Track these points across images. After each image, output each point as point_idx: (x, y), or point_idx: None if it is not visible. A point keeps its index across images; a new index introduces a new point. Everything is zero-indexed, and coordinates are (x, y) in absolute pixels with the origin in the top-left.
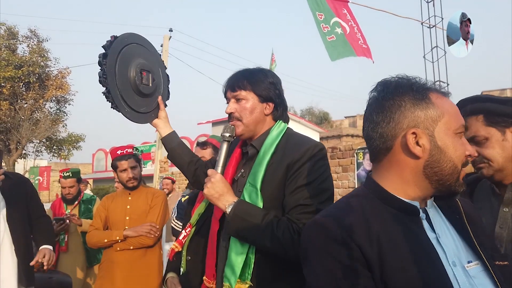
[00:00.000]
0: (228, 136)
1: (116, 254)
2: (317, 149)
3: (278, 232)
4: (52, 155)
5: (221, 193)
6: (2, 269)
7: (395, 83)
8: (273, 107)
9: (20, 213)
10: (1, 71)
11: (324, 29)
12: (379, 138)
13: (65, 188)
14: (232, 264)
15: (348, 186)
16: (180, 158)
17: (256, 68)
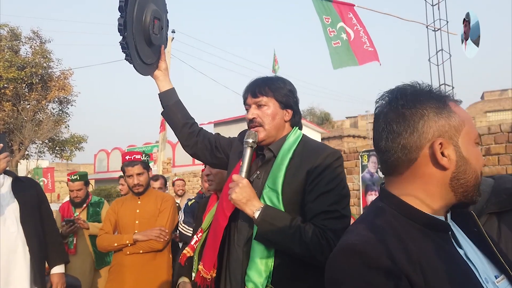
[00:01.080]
0: (252, 142)
1: (126, 258)
2: (336, 157)
3: (307, 237)
4: (55, 156)
5: (249, 198)
6: (16, 269)
7: (411, 90)
8: (292, 114)
9: (32, 215)
10: (4, 72)
11: (330, 33)
12: (401, 150)
13: (73, 191)
14: (258, 268)
15: (352, 189)
16: (175, 117)
17: (275, 76)
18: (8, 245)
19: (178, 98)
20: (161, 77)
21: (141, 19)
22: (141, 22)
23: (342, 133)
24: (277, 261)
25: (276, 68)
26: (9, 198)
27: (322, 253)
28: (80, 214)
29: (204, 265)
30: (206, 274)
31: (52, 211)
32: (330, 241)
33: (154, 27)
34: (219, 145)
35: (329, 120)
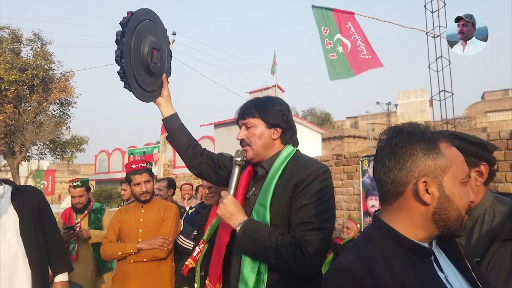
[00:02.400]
0: (240, 160)
1: (129, 266)
2: (322, 171)
3: (282, 249)
4: (56, 157)
5: (232, 213)
6: (17, 282)
7: (407, 130)
8: (281, 132)
9: (33, 226)
10: (5, 75)
11: (327, 45)
12: (391, 183)
13: (74, 197)
14: (245, 279)
15: (353, 193)
16: (179, 141)
17: (265, 97)
18: (9, 258)
19: (181, 122)
20: (163, 103)
21: (139, 49)
22: (139, 53)
23: (343, 133)
24: (270, 274)
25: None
26: (9, 210)
27: (296, 264)
28: (81, 221)
29: (210, 280)
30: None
31: (55, 219)
32: (304, 252)
33: (153, 57)
34: (222, 164)
35: (329, 121)
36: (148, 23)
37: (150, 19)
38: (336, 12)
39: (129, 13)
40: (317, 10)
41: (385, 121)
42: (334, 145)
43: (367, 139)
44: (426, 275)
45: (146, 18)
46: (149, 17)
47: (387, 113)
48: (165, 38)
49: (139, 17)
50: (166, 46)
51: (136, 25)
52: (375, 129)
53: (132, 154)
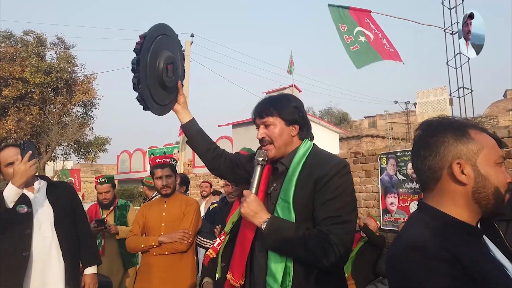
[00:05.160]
0: (262, 160)
1: (153, 259)
2: (342, 166)
3: (310, 243)
4: (80, 158)
5: (256, 211)
6: (51, 272)
7: (437, 122)
8: (299, 128)
9: (66, 220)
10: (31, 78)
11: (347, 40)
12: (428, 170)
13: (101, 193)
14: (273, 273)
15: (371, 191)
16: (198, 145)
17: (279, 95)
18: (43, 249)
19: (199, 127)
20: (180, 110)
21: (154, 70)
22: (154, 72)
23: (361, 133)
24: (297, 267)
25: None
26: (44, 204)
27: (326, 257)
28: (107, 216)
29: (233, 274)
30: (235, 283)
31: (86, 215)
32: (333, 245)
33: (167, 72)
34: (239, 163)
35: (347, 120)
36: (160, 38)
37: (162, 33)
38: (353, 10)
39: (141, 37)
40: (334, 8)
41: (403, 120)
42: (352, 144)
43: (385, 138)
44: (483, 254)
45: (159, 34)
46: (161, 32)
47: (405, 112)
48: (177, 45)
49: (151, 36)
50: (179, 53)
51: (150, 46)
52: (393, 128)
53: (152, 154)
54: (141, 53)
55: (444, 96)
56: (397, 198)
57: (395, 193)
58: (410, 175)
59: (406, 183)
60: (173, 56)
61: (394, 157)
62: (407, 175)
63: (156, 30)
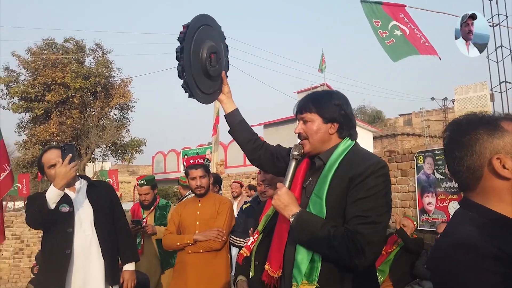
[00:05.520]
0: (297, 154)
1: (188, 257)
2: (379, 166)
3: (334, 241)
4: (117, 159)
5: (286, 204)
6: (91, 269)
7: (466, 120)
8: (338, 127)
9: (105, 218)
10: (72, 83)
11: (382, 34)
12: (467, 171)
13: (141, 195)
14: (299, 266)
15: (408, 190)
16: (240, 135)
17: (323, 91)
18: (84, 247)
19: (242, 118)
20: (225, 100)
21: (198, 58)
22: (198, 61)
23: (396, 131)
24: (324, 263)
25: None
26: (84, 203)
27: (348, 256)
28: (147, 216)
29: (271, 265)
30: (273, 273)
31: (125, 213)
32: (357, 244)
33: (211, 61)
34: (280, 155)
35: (381, 118)
36: (203, 28)
37: (205, 23)
38: (386, 5)
39: (185, 26)
40: (366, 4)
41: (441, 117)
42: (386, 143)
43: (422, 136)
44: None
45: (201, 24)
46: (203, 22)
47: (443, 109)
48: (220, 36)
49: (194, 26)
50: (222, 43)
51: (193, 36)
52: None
53: (186, 155)
54: (185, 42)
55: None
56: (435, 197)
57: (433, 193)
58: (449, 174)
59: (444, 182)
60: (216, 46)
61: (432, 155)
62: (445, 174)
63: (199, 21)
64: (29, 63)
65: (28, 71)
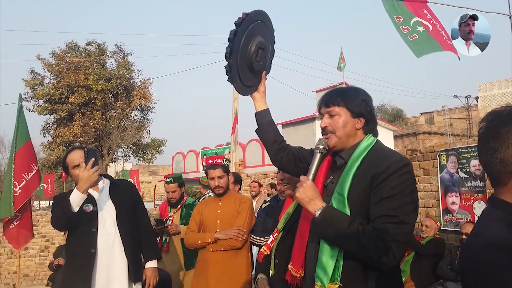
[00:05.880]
0: (322, 148)
1: (209, 255)
2: (402, 164)
3: (363, 238)
4: (138, 159)
5: (311, 197)
6: (115, 266)
7: (506, 112)
8: (364, 122)
9: (127, 217)
10: (94, 85)
11: (404, 30)
12: (500, 164)
13: (168, 192)
14: (323, 265)
15: (430, 190)
16: (267, 134)
17: (349, 87)
18: (107, 245)
19: (271, 118)
20: (258, 98)
21: (246, 48)
22: (246, 51)
23: (417, 130)
24: (347, 261)
25: (342, 66)
26: (107, 202)
27: (378, 254)
28: (174, 215)
29: (293, 265)
30: (296, 273)
31: (146, 211)
32: (386, 243)
33: (257, 56)
34: (302, 156)
35: (401, 117)
36: (259, 24)
37: (261, 20)
38: (408, 1)
39: (244, 14)
40: (387, 1)
41: (464, 115)
42: (407, 142)
43: (444, 135)
44: None
45: (258, 19)
46: (260, 18)
47: (466, 107)
48: (271, 38)
49: (251, 18)
50: (271, 46)
51: (248, 26)
52: (453, 124)
53: (205, 155)
54: (240, 28)
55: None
56: (459, 197)
57: (457, 192)
58: (473, 172)
59: (468, 181)
60: (265, 43)
61: (455, 154)
62: (470, 172)
63: (256, 15)
64: (53, 66)
65: (52, 74)
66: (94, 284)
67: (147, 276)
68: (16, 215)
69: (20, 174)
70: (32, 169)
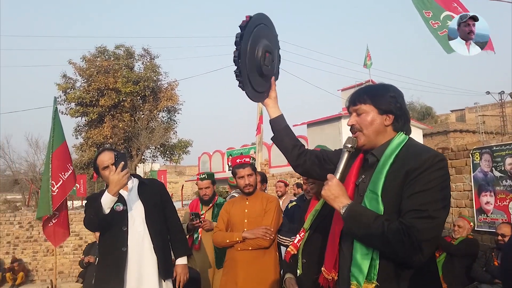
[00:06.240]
0: (350, 147)
1: (237, 254)
2: (438, 159)
3: (389, 234)
4: (165, 160)
5: (336, 195)
6: (145, 264)
7: None
8: (393, 119)
9: (156, 215)
10: (123, 87)
11: (434, 25)
12: None
13: (201, 189)
14: (359, 265)
15: (463, 189)
16: (284, 141)
17: (377, 84)
18: (137, 243)
19: (287, 124)
20: (271, 104)
21: (253, 51)
22: (254, 55)
23: (447, 128)
24: (382, 260)
25: (368, 64)
26: (136, 201)
27: (403, 250)
28: (206, 213)
29: (326, 267)
30: (328, 275)
31: (175, 209)
32: (413, 238)
33: (265, 59)
34: (327, 157)
35: (431, 115)
36: (263, 27)
37: (265, 23)
38: None
39: (248, 17)
40: None
41: (497, 112)
42: (437, 140)
43: (476, 133)
44: None
45: (262, 22)
46: (264, 22)
47: (499, 104)
48: (276, 43)
49: (255, 21)
50: (276, 51)
51: (253, 29)
52: (485, 122)
53: (230, 155)
54: (245, 31)
55: None
56: (493, 196)
57: (491, 191)
58: (509, 171)
59: (504, 180)
60: (271, 46)
61: (489, 152)
62: (505, 171)
63: (259, 18)
64: (84, 70)
65: (83, 77)
66: (126, 282)
67: (177, 273)
68: (54, 213)
69: (57, 174)
70: (68, 169)
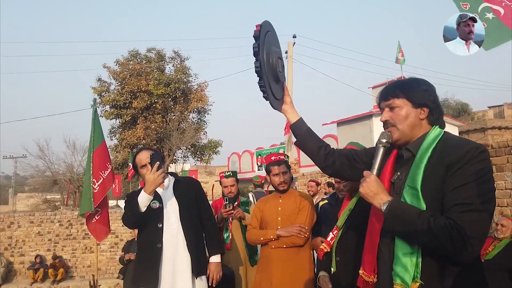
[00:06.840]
0: (385, 142)
1: (272, 251)
2: (479, 151)
3: (436, 229)
4: (196, 160)
5: (376, 192)
6: (179, 261)
7: None
8: (428, 112)
9: (191, 213)
10: (154, 89)
11: None
12: None
13: (226, 187)
14: (403, 263)
15: (504, 188)
16: (309, 144)
17: (409, 78)
18: (172, 240)
19: (308, 126)
20: (289, 110)
21: (269, 60)
22: (269, 63)
23: (485, 125)
24: (425, 258)
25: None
26: (171, 198)
27: (453, 246)
28: None
29: (365, 269)
30: (368, 277)
31: (210, 207)
32: (462, 233)
33: (279, 66)
34: (357, 157)
35: (467, 112)
36: (270, 34)
37: (271, 30)
38: None
39: (258, 26)
40: None
41: None
42: (474, 138)
43: None
44: None
45: (268, 29)
46: (270, 29)
47: None
48: (279, 48)
49: (264, 28)
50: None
51: (264, 37)
52: None
53: (260, 155)
54: (259, 40)
55: None
56: None
57: None
58: None
59: None
60: (280, 52)
61: None
62: None
63: (266, 25)
64: (118, 74)
65: (117, 81)
66: (161, 277)
67: (211, 271)
68: (97, 210)
69: (97, 172)
70: (107, 167)
